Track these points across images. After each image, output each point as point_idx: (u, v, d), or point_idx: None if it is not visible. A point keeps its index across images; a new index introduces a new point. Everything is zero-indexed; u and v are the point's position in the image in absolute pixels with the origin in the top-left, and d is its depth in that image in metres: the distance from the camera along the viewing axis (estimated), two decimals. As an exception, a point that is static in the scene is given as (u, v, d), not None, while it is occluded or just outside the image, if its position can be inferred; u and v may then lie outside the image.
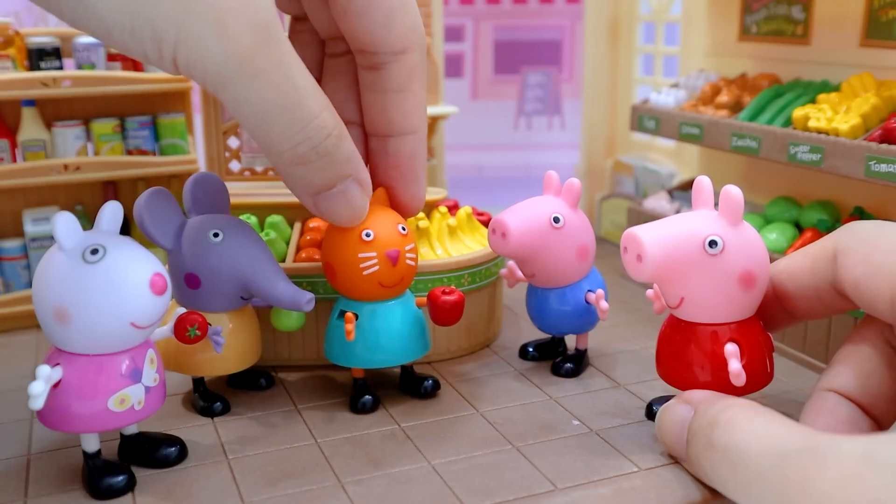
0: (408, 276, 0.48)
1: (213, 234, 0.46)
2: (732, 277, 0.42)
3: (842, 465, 0.30)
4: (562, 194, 0.53)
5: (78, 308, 0.38)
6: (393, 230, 0.47)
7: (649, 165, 0.87)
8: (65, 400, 0.40)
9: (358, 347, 0.49)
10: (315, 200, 0.44)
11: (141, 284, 0.39)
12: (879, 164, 0.52)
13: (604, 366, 0.57)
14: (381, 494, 0.41)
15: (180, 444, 0.45)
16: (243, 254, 0.46)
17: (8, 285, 0.66)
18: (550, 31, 2.75)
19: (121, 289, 0.39)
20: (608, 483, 0.42)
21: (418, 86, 0.46)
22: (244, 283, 0.47)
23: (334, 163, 0.42)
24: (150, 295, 0.39)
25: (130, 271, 0.39)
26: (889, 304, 0.38)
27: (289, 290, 0.46)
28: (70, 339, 0.39)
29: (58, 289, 0.39)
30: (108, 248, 0.39)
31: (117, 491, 0.41)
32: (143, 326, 0.40)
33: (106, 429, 0.41)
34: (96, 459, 0.42)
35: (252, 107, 0.38)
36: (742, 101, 0.68)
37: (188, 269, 0.47)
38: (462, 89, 2.81)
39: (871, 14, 0.61)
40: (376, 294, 0.48)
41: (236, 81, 0.37)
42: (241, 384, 0.53)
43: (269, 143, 0.40)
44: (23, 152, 0.65)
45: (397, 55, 0.45)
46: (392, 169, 0.48)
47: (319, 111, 0.40)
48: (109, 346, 0.40)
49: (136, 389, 0.41)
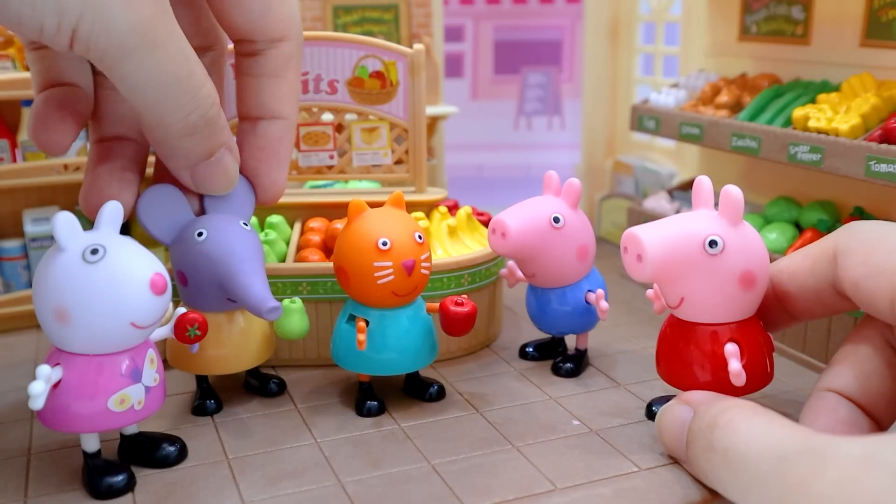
0: (421, 285, 0.48)
1: (197, 233, 0.46)
2: (732, 277, 0.42)
3: (841, 466, 0.30)
4: (562, 194, 0.53)
5: (78, 308, 0.38)
6: (409, 239, 0.47)
7: (649, 165, 0.87)
8: (65, 400, 0.40)
9: (366, 353, 0.48)
10: (193, 172, 0.45)
11: (141, 284, 0.39)
12: (879, 164, 0.52)
13: (604, 366, 0.57)
14: (381, 494, 0.41)
15: (180, 444, 0.45)
16: (219, 255, 0.45)
17: (8, 285, 0.66)
18: (550, 31, 2.75)
19: (121, 289, 0.39)
20: (608, 483, 0.42)
21: (293, 75, 0.48)
22: (221, 285, 0.46)
23: (216, 130, 0.43)
24: (150, 295, 0.39)
25: (130, 271, 0.39)
26: (889, 304, 0.38)
27: (256, 296, 0.44)
28: (70, 339, 0.39)
29: (58, 289, 0.38)
30: (108, 247, 0.39)
31: (117, 491, 0.41)
32: (143, 326, 0.40)
33: (106, 429, 0.41)
34: (96, 459, 0.42)
35: (150, 78, 0.39)
36: (742, 101, 0.68)
37: (178, 267, 0.47)
38: (462, 89, 2.81)
39: (871, 14, 0.61)
40: (389, 302, 0.48)
41: (138, 52, 0.38)
42: (255, 389, 0.53)
43: (160, 116, 0.41)
44: (23, 152, 0.65)
45: (274, 42, 0.47)
46: (258, 150, 0.48)
47: (205, 79, 0.42)
48: (109, 346, 0.40)
49: (136, 389, 0.41)
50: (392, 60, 0.59)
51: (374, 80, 0.60)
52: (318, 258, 0.56)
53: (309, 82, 0.60)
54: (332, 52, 0.59)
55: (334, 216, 0.61)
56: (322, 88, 0.60)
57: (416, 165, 0.61)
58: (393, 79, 0.59)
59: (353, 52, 0.59)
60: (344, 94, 0.60)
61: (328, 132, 0.61)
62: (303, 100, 0.60)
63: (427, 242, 0.48)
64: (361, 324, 0.47)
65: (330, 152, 0.62)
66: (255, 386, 0.52)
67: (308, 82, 0.60)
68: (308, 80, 0.60)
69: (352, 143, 0.61)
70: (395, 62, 0.59)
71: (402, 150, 0.62)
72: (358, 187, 0.67)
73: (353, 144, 0.61)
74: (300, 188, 0.67)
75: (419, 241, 0.47)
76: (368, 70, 0.59)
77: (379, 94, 0.60)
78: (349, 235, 0.47)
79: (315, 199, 0.62)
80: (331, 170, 0.62)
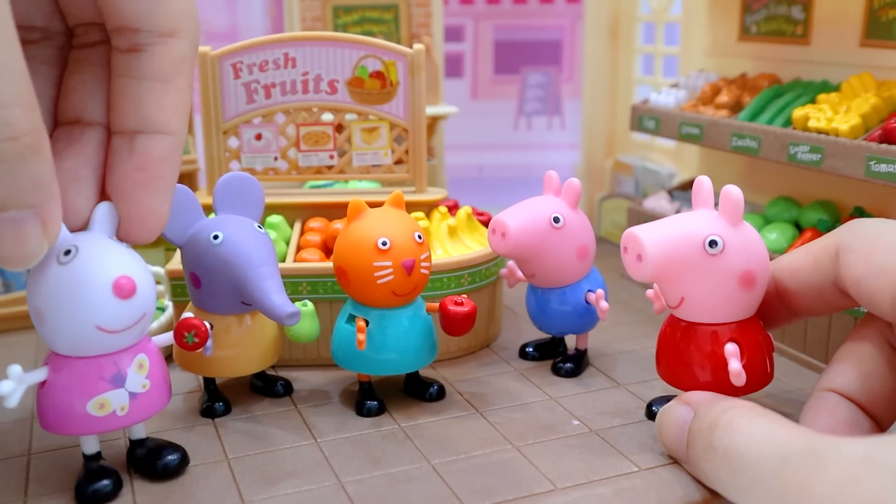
0: (420, 285, 0.48)
1: (213, 236, 0.46)
2: (732, 277, 0.42)
3: (842, 467, 0.30)
4: (562, 194, 0.53)
5: (48, 310, 0.37)
6: (409, 239, 0.47)
7: (649, 165, 0.87)
8: (49, 401, 0.39)
9: (366, 353, 0.48)
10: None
11: (103, 287, 0.37)
12: (879, 164, 0.51)
13: (604, 366, 0.57)
14: (381, 494, 0.41)
15: (182, 453, 0.43)
16: (236, 259, 0.45)
17: (8, 285, 0.66)
18: (550, 31, 2.74)
19: (83, 291, 0.37)
20: (608, 483, 0.42)
21: (184, 82, 0.39)
22: (237, 288, 0.46)
23: (14, 178, 0.32)
24: (113, 298, 0.37)
25: (94, 274, 0.37)
26: (890, 303, 0.38)
27: (274, 301, 0.44)
28: (50, 341, 0.39)
29: (34, 289, 0.38)
30: (80, 248, 0.38)
31: (102, 497, 0.40)
32: (111, 331, 0.38)
33: (88, 432, 0.40)
34: (91, 462, 0.42)
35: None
36: (742, 101, 0.68)
37: (191, 269, 0.47)
38: (462, 89, 2.80)
39: (871, 14, 0.61)
40: (388, 302, 0.48)
41: None
42: (259, 390, 0.53)
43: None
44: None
45: (164, 37, 0.38)
46: (136, 171, 0.39)
47: (11, 102, 0.31)
48: (82, 349, 0.39)
49: (117, 395, 0.39)
50: (392, 60, 0.59)
51: (374, 80, 0.60)
52: (317, 258, 0.56)
53: (309, 82, 0.60)
54: (332, 52, 0.59)
55: (334, 216, 0.61)
56: (322, 88, 0.60)
57: (416, 165, 0.61)
58: (393, 79, 0.59)
59: (353, 52, 0.59)
60: (344, 94, 0.60)
61: (328, 132, 0.61)
62: (303, 100, 0.60)
63: (427, 242, 0.48)
64: (361, 323, 0.47)
65: (330, 152, 0.62)
66: (260, 387, 0.52)
67: (308, 82, 0.60)
68: (308, 79, 0.60)
69: (352, 143, 0.61)
70: (395, 62, 0.59)
71: (402, 150, 0.62)
72: (358, 187, 0.67)
73: (353, 144, 0.61)
74: (300, 188, 0.67)
75: (419, 240, 0.47)
76: (368, 70, 0.59)
77: (379, 94, 0.60)
78: (349, 235, 0.47)
79: (315, 199, 0.62)
80: (331, 170, 0.62)
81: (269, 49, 0.59)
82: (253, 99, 0.60)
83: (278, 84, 0.60)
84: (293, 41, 0.59)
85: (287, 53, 0.59)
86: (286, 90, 0.60)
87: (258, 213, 0.49)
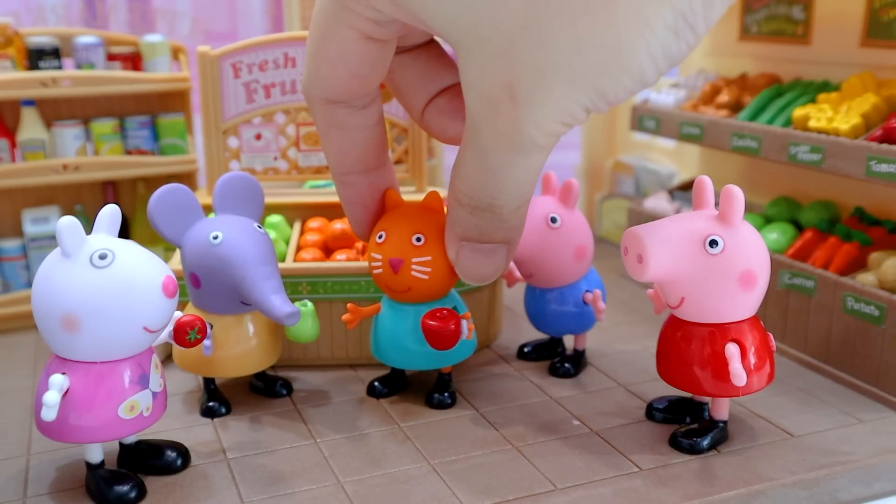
0: (417, 287, 0.47)
1: (212, 236, 0.46)
2: (732, 277, 0.42)
3: None
4: (559, 194, 0.53)
5: (89, 314, 0.37)
6: (404, 239, 0.46)
7: (649, 165, 0.87)
8: (72, 410, 0.38)
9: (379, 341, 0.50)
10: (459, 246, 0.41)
11: (153, 288, 0.38)
12: (880, 164, 0.51)
13: (604, 366, 0.57)
14: (381, 494, 0.41)
15: (183, 450, 0.44)
16: (236, 259, 0.45)
17: (7, 285, 0.66)
18: (550, 31, 2.74)
19: (134, 293, 0.38)
20: (608, 483, 0.42)
21: None
22: (236, 288, 0.46)
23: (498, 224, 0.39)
24: (162, 298, 0.38)
25: (143, 274, 0.38)
26: None
27: (274, 302, 0.44)
28: (78, 347, 0.38)
29: (66, 296, 0.37)
30: (115, 252, 0.38)
31: (129, 501, 0.40)
32: (154, 330, 0.39)
33: (116, 437, 0.40)
34: (101, 470, 0.41)
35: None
36: (742, 101, 0.68)
37: (191, 269, 0.47)
38: (462, 89, 2.80)
39: (872, 14, 0.61)
40: (391, 295, 0.48)
41: None
42: (260, 390, 0.53)
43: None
44: (22, 152, 0.65)
45: None
46: None
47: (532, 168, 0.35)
48: (120, 351, 0.39)
49: (144, 395, 0.40)
50: (392, 60, 0.59)
51: (374, 79, 0.59)
52: (317, 258, 0.56)
53: (309, 82, 0.60)
54: (331, 51, 0.59)
55: (334, 216, 0.61)
56: (322, 88, 0.60)
57: (415, 165, 0.61)
58: (393, 78, 0.59)
59: (353, 52, 0.59)
60: (344, 93, 0.60)
61: (328, 132, 0.61)
62: (302, 99, 0.60)
63: (430, 247, 0.46)
64: (351, 304, 0.49)
65: (330, 152, 0.61)
66: (260, 387, 0.52)
67: (308, 82, 0.60)
68: (308, 79, 0.59)
69: (352, 143, 0.61)
70: (395, 62, 0.59)
71: (402, 150, 0.62)
72: (358, 187, 0.67)
73: (352, 144, 0.61)
74: (300, 188, 0.67)
75: (416, 243, 0.46)
76: (368, 70, 0.59)
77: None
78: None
79: (314, 199, 0.62)
80: (331, 170, 0.62)
81: (269, 49, 0.59)
82: (253, 99, 0.60)
83: (278, 84, 0.60)
84: (293, 41, 0.59)
85: (287, 53, 0.59)
86: (286, 90, 0.60)
87: (258, 213, 0.49)
